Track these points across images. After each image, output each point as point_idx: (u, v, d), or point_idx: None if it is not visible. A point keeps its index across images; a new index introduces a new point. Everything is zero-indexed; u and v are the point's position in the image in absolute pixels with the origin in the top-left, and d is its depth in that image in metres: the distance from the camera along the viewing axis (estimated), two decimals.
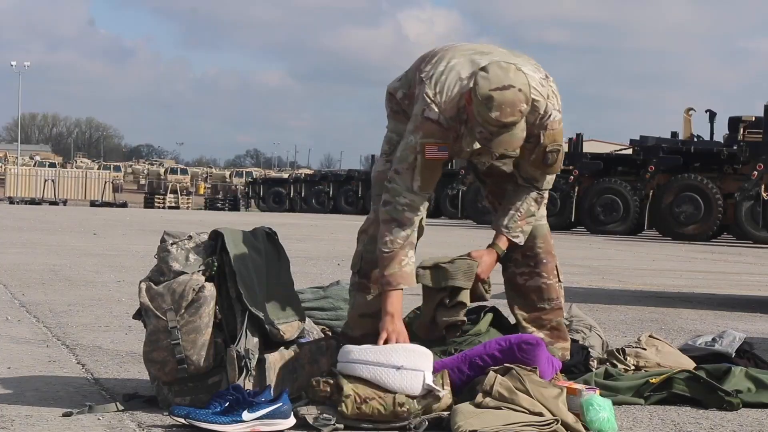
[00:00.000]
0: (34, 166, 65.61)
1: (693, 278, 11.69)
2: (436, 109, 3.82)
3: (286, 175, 57.49)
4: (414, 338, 4.14)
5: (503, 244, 4.11)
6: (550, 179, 4.16)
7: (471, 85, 3.77)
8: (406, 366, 3.60)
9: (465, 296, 4.06)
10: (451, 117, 3.82)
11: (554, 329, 4.25)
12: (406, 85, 4.09)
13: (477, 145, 3.93)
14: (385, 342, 3.76)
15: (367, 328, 4.05)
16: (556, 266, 4.24)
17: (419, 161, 3.83)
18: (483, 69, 3.74)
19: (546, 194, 4.17)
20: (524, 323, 4.25)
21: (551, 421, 3.52)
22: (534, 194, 4.12)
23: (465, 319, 4.13)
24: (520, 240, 4.12)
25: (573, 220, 27.31)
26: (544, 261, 4.20)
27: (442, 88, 3.84)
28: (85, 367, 4.62)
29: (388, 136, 4.16)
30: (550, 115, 3.93)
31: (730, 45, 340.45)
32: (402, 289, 3.84)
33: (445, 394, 3.61)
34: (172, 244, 3.78)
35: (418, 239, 3.96)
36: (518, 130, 3.75)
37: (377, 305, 3.99)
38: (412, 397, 3.56)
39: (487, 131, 3.73)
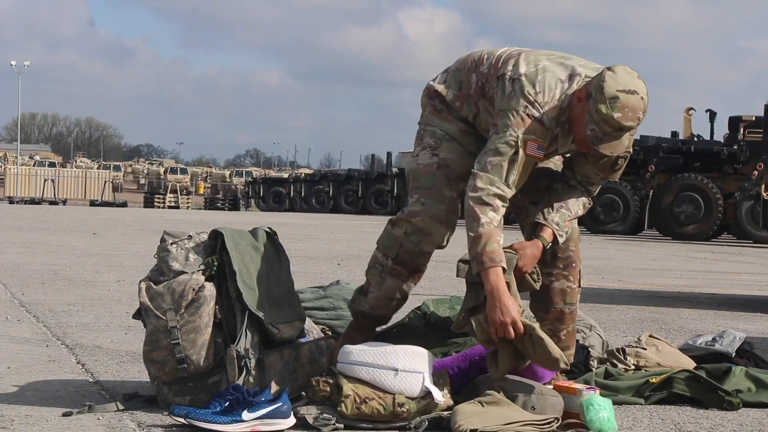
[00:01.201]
0: (33, 165, 65.62)
1: (693, 278, 11.69)
2: (540, 108, 3.80)
3: (286, 175, 57.53)
4: (413, 338, 4.14)
5: (549, 237, 3.99)
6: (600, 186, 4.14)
7: (574, 86, 3.79)
8: (404, 368, 3.60)
9: (514, 292, 3.89)
10: (552, 117, 3.80)
11: (569, 335, 4.21)
12: (456, 86, 4.05)
13: (567, 147, 3.93)
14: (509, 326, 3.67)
15: (393, 310, 4.16)
16: (579, 272, 4.19)
17: (520, 156, 3.80)
18: (610, 69, 3.76)
19: (591, 202, 4.13)
20: (542, 325, 4.19)
21: (551, 420, 3.52)
22: (585, 199, 4.06)
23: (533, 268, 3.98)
24: (563, 240, 4.04)
25: None
26: (574, 265, 4.14)
27: (543, 87, 3.81)
28: (84, 366, 4.62)
29: (430, 130, 4.08)
30: None
31: (730, 45, 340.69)
32: (497, 266, 3.73)
33: (445, 394, 3.61)
34: (172, 243, 3.78)
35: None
36: (626, 137, 3.78)
37: (407, 291, 4.10)
38: (412, 398, 3.56)
39: (601, 130, 3.72)
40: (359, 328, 4.19)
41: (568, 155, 4.10)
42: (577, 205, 4.03)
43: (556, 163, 4.15)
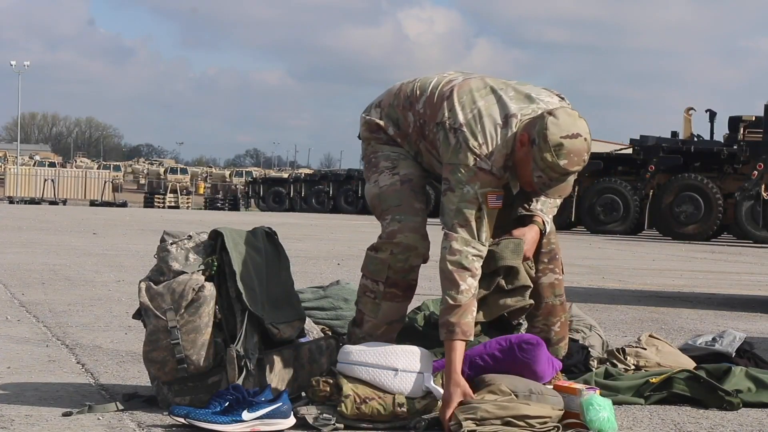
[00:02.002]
0: (33, 165, 65.57)
1: (693, 278, 11.69)
2: (488, 159, 3.78)
3: (286, 175, 57.47)
4: (413, 338, 4.14)
5: (540, 222, 4.07)
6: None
7: (513, 129, 3.75)
8: (404, 368, 3.60)
9: (525, 278, 3.99)
10: (500, 166, 3.79)
11: (562, 326, 4.23)
12: (393, 124, 4.04)
13: (517, 188, 3.94)
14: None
15: (393, 332, 4.04)
16: (561, 260, 4.24)
17: (485, 211, 3.79)
18: (551, 114, 3.71)
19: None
20: (534, 321, 4.21)
21: (551, 422, 3.52)
22: None
23: (532, 302, 4.03)
24: (550, 226, 4.12)
25: (573, 219, 27.30)
26: (557, 256, 4.19)
27: (485, 137, 3.78)
28: (84, 366, 4.62)
29: (383, 155, 4.06)
30: None
31: (731, 44, 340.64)
32: (463, 340, 3.73)
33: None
34: (171, 243, 3.78)
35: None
36: (572, 178, 3.78)
37: (404, 311, 4.04)
38: (412, 398, 3.56)
39: (548, 177, 3.71)
40: None
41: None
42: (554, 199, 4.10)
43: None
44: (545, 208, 4.11)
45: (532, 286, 4.04)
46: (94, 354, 4.95)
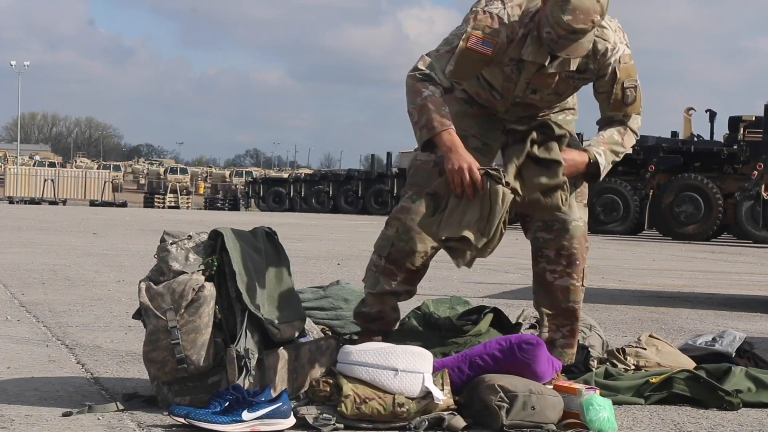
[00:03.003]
0: (33, 165, 65.59)
1: (693, 278, 11.69)
2: (503, 4, 3.82)
3: (286, 175, 57.49)
4: (413, 338, 4.14)
5: (591, 153, 3.99)
6: (635, 119, 4.05)
7: None
8: (404, 368, 3.60)
9: (557, 153, 3.87)
10: (515, 15, 3.81)
11: (571, 333, 4.22)
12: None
13: (535, 58, 3.86)
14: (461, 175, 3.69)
15: (387, 305, 4.17)
16: (583, 270, 4.19)
17: (459, 47, 3.83)
18: None
19: (630, 131, 4.05)
20: (545, 322, 4.21)
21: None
22: (617, 126, 4.04)
23: (566, 179, 3.88)
24: (602, 160, 3.98)
25: None
26: (577, 262, 4.15)
27: None
28: (84, 366, 4.61)
29: None
30: (619, 49, 3.93)
31: (731, 44, 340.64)
32: (448, 128, 3.75)
33: (445, 394, 3.61)
34: (171, 243, 3.77)
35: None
36: (585, 40, 3.74)
37: (399, 288, 4.13)
38: (412, 398, 3.56)
39: (555, 33, 3.72)
40: (364, 335, 4.22)
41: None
42: (610, 130, 4.02)
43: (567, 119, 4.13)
44: (595, 144, 4.00)
45: (563, 163, 3.90)
46: (94, 354, 4.95)
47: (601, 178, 4.03)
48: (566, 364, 4.20)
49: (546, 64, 3.88)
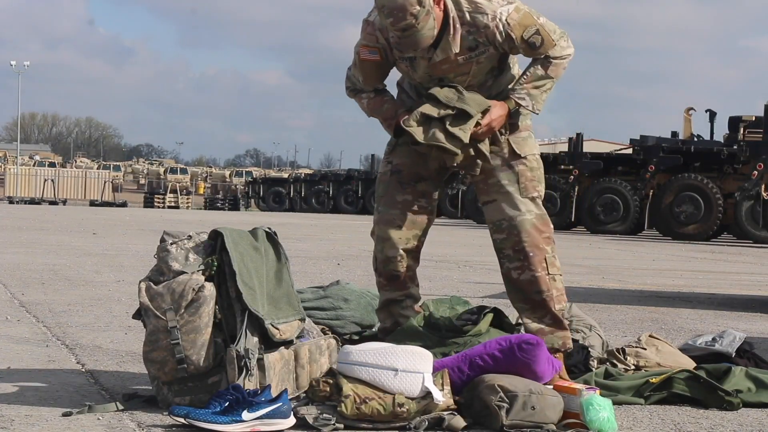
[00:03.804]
0: (33, 165, 65.61)
1: (693, 278, 11.69)
2: (371, 12, 4.12)
3: (286, 175, 57.51)
4: (413, 338, 4.14)
5: (512, 103, 4.18)
6: (555, 50, 4.14)
7: None
8: (404, 368, 3.60)
9: (467, 134, 4.09)
10: (381, 23, 4.04)
11: (553, 320, 4.26)
12: None
13: (416, 54, 4.09)
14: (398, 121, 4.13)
15: (391, 315, 4.38)
16: (545, 259, 4.26)
17: (355, 60, 4.19)
18: None
19: (555, 60, 4.15)
20: (524, 317, 4.28)
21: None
22: (539, 61, 4.16)
23: (459, 153, 4.12)
24: (527, 102, 4.16)
25: (573, 219, 27.31)
26: (531, 254, 4.23)
27: None
28: (84, 366, 4.61)
29: (390, 142, 4.38)
30: (501, 13, 4.05)
31: (731, 44, 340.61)
32: (393, 118, 4.19)
33: (445, 394, 3.61)
34: (171, 243, 3.77)
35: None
36: (425, 30, 3.93)
37: (395, 295, 4.36)
38: (412, 398, 3.56)
39: (396, 36, 3.98)
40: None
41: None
42: (531, 68, 4.15)
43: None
44: (516, 86, 4.16)
45: (469, 144, 4.13)
46: (94, 354, 4.95)
47: (539, 113, 4.20)
48: (564, 350, 4.22)
49: (431, 57, 4.10)
